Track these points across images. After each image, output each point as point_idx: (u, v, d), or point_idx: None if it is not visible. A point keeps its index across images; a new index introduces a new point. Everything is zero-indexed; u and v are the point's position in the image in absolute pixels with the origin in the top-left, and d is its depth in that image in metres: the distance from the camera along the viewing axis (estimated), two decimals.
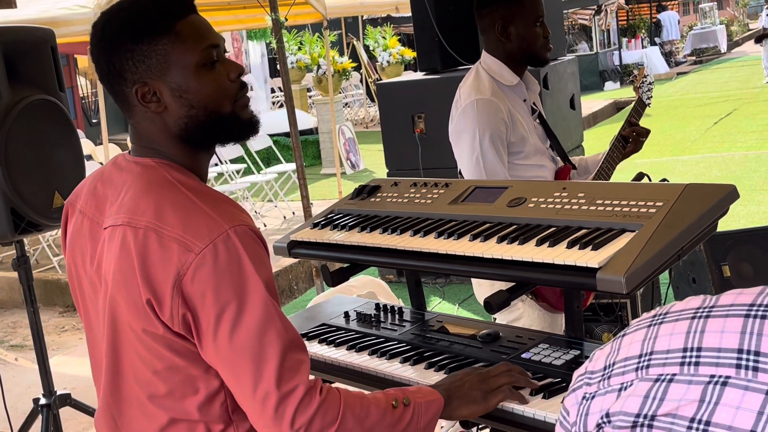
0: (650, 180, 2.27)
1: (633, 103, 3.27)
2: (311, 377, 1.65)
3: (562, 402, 1.33)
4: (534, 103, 3.20)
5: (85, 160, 4.43)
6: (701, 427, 1.08)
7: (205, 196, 1.70)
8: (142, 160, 1.77)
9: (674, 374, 1.12)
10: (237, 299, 1.60)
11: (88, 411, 3.86)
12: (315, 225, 2.46)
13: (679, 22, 27.58)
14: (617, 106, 18.06)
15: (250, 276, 1.61)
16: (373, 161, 12.57)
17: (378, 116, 16.72)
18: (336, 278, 2.36)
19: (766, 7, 21.13)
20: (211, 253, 1.59)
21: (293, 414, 1.59)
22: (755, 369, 1.06)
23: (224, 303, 1.60)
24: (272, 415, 1.59)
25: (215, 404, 1.71)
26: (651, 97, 3.29)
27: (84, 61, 16.25)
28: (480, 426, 1.99)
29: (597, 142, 11.67)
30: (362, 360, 2.16)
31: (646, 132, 3.18)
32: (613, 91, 20.93)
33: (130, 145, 1.86)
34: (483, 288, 3.12)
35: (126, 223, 1.68)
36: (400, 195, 2.44)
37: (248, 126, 1.82)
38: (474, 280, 3.24)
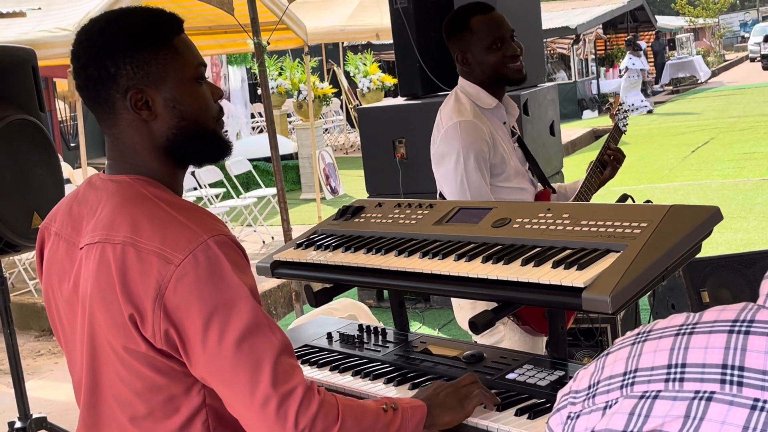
0: (634, 201, 2.28)
1: (610, 130, 3.33)
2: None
3: (547, 422, 1.33)
4: (513, 126, 3.22)
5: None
6: None
7: (182, 208, 1.69)
8: (117, 177, 1.76)
9: (659, 391, 1.12)
10: (223, 307, 1.58)
11: None
12: (298, 245, 2.45)
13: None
14: (596, 134, 18.18)
15: (233, 282, 1.59)
16: (353, 186, 12.57)
17: (358, 142, 16.76)
18: (319, 299, 2.35)
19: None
20: (191, 264, 1.58)
21: (296, 414, 1.57)
22: (740, 384, 1.06)
23: (210, 312, 1.57)
24: (274, 419, 1.56)
25: (197, 424, 1.68)
26: (627, 124, 3.37)
27: (63, 84, 16.20)
28: None
29: (576, 169, 11.70)
30: (345, 381, 2.15)
31: (623, 156, 3.23)
32: (592, 120, 21.08)
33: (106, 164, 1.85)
34: (464, 312, 3.11)
35: (103, 240, 1.66)
36: (384, 216, 2.44)
37: (225, 146, 1.84)
38: (455, 304, 3.24)
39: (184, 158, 1.80)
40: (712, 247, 7.16)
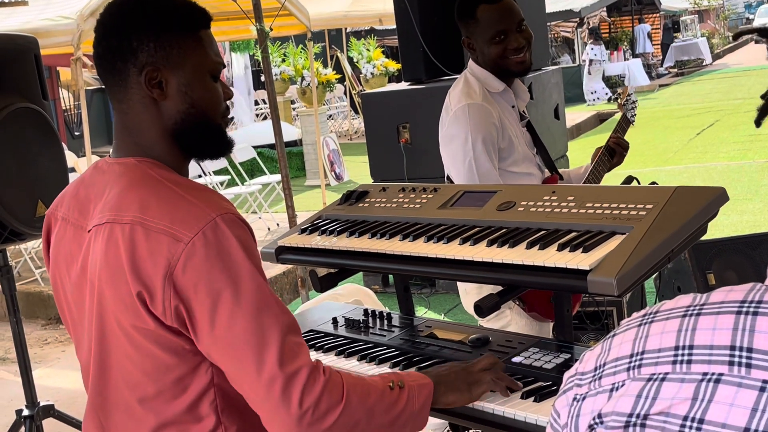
0: (639, 183, 2.27)
1: (618, 120, 3.31)
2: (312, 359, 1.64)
3: (552, 405, 1.32)
4: (523, 111, 3.20)
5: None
6: (694, 425, 1.07)
7: (189, 188, 1.70)
8: (123, 160, 1.77)
9: (666, 373, 1.11)
10: (231, 286, 1.59)
11: (71, 422, 3.83)
12: (303, 230, 2.45)
13: (650, 35, 27.69)
14: (600, 118, 18.14)
15: (242, 262, 1.60)
16: (358, 173, 12.56)
17: (362, 128, 16.74)
18: (324, 284, 2.34)
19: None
20: (200, 242, 1.59)
21: (300, 395, 1.57)
22: (748, 366, 1.06)
23: (218, 291, 1.58)
24: (279, 399, 1.57)
25: (204, 404, 1.69)
26: (635, 114, 3.35)
27: (66, 73, 16.19)
28: (469, 429, 1.98)
29: (581, 153, 11.70)
30: (351, 365, 2.15)
31: (627, 145, 3.24)
32: (596, 104, 21.03)
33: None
34: (470, 296, 3.11)
35: (111, 221, 1.67)
36: (388, 200, 2.44)
37: (227, 144, 1.86)
38: (461, 289, 3.23)
39: (189, 147, 1.80)
40: (718, 229, 7.15)
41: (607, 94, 21.14)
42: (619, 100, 3.33)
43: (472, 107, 2.97)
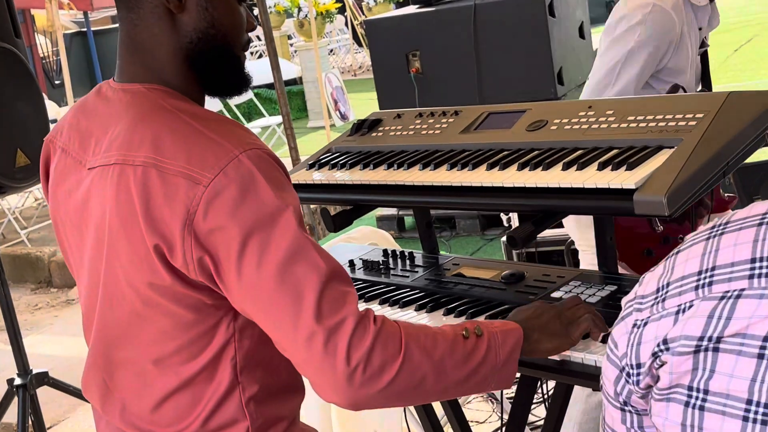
0: (686, 92, 2.19)
1: None
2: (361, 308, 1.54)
3: (610, 335, 1.27)
4: (705, 37, 3.05)
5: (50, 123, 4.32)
6: None
7: (208, 120, 1.60)
8: (130, 86, 1.67)
9: (742, 289, 1.07)
10: (260, 229, 1.49)
11: (68, 390, 3.82)
12: (311, 166, 2.39)
13: None
14: None
15: (271, 201, 1.50)
16: (365, 111, 12.38)
17: (367, 62, 16.61)
18: (338, 222, 2.28)
19: None
20: (222, 183, 1.49)
21: (347, 349, 1.46)
22: None
23: (245, 235, 1.49)
24: (321, 355, 1.46)
25: (224, 362, 1.62)
26: None
27: (42, 18, 16.07)
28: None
29: None
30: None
31: None
32: None
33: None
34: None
35: (121, 161, 1.58)
36: (404, 128, 2.38)
37: (245, 79, 1.78)
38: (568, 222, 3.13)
39: (203, 75, 1.71)
40: (764, 151, 7.07)
41: None
42: None
43: (656, 10, 2.79)
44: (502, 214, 5.35)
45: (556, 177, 1.85)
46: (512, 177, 1.92)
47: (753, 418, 1.05)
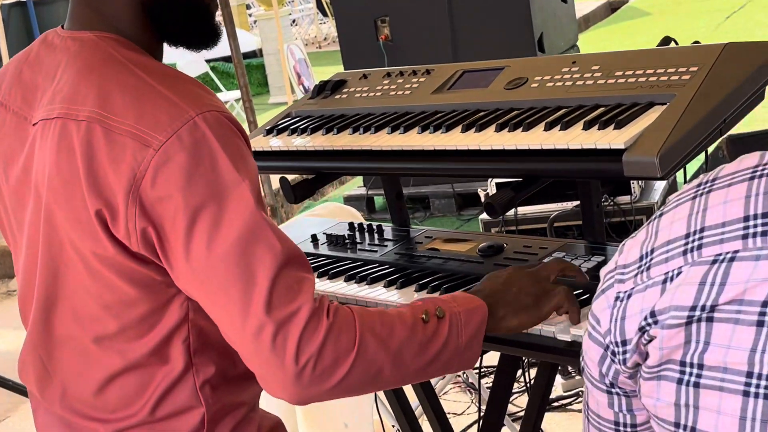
0: (678, 45, 2.17)
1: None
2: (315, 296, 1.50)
3: (590, 311, 1.24)
4: None
5: None
6: None
7: (165, 76, 1.55)
8: (80, 34, 1.61)
9: (736, 251, 1.05)
10: (213, 203, 1.45)
11: (9, 386, 3.76)
12: (269, 131, 2.36)
13: None
14: (612, 8, 18.02)
15: (227, 173, 1.46)
16: None
17: (332, 33, 16.56)
18: (299, 193, 2.25)
19: None
20: (174, 148, 1.44)
21: (297, 345, 1.42)
22: None
23: (196, 209, 1.44)
24: (269, 351, 1.43)
25: (176, 343, 1.58)
26: None
27: None
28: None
29: (593, 47, 11.60)
30: (337, 287, 2.08)
31: None
32: None
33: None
34: None
35: (63, 116, 1.52)
36: (371, 89, 2.35)
37: (213, 31, 1.71)
38: None
39: (164, 24, 1.65)
40: (758, 122, 7.11)
41: None
42: None
43: None
44: (479, 190, 5.34)
45: (537, 138, 1.83)
46: (490, 139, 1.90)
47: (755, 393, 1.02)
